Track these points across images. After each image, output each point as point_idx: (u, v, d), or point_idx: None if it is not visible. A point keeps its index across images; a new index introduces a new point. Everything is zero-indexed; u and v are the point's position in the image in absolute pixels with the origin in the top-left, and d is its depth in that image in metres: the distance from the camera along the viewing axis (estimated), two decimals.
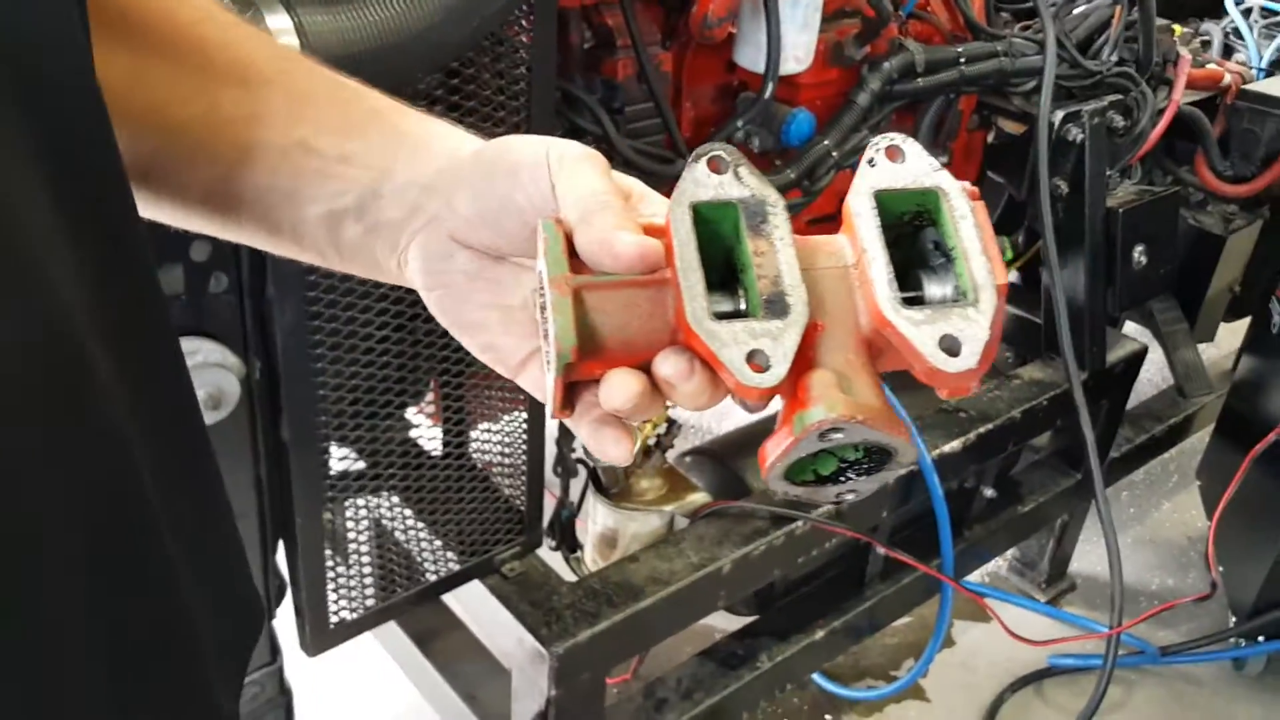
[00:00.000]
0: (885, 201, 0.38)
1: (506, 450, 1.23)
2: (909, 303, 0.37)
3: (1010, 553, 1.95)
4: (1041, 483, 1.76)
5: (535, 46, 0.92)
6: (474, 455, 1.24)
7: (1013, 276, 1.75)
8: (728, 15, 1.10)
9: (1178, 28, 1.68)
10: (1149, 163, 1.71)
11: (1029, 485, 1.75)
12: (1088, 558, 1.97)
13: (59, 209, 0.35)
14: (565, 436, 1.35)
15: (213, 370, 0.80)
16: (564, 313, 0.36)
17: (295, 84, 0.46)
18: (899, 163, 0.39)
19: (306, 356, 0.89)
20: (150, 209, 0.47)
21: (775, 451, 0.37)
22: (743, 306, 0.37)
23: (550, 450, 1.32)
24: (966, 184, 0.39)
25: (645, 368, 0.38)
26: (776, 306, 0.36)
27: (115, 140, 0.39)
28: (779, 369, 0.35)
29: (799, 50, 1.19)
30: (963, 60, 1.39)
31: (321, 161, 0.43)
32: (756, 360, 0.35)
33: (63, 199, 0.35)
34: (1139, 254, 1.59)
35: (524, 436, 1.21)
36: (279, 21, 0.74)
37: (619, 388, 0.36)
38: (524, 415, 1.19)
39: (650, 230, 0.38)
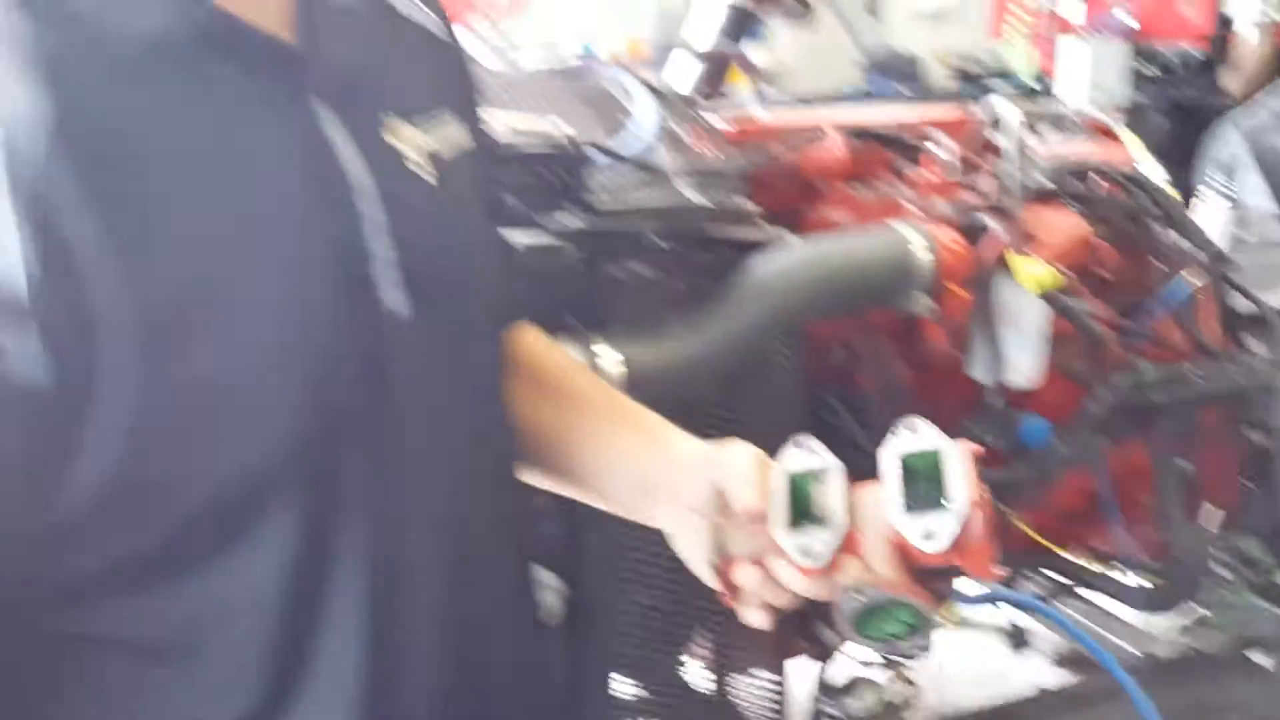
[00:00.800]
0: (910, 460, 0.69)
1: (763, 698, 1.53)
2: (914, 510, 0.67)
3: None
4: None
5: (790, 368, 1.32)
6: (736, 699, 1.54)
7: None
8: (951, 344, 1.45)
9: None
10: None
11: None
12: None
13: (477, 480, 0.75)
14: (824, 693, 1.63)
15: (541, 589, 1.21)
16: (712, 540, 0.72)
17: (605, 406, 0.87)
18: (916, 433, 0.70)
19: (607, 588, 1.28)
20: (524, 476, 0.88)
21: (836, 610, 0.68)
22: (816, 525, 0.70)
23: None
24: (963, 445, 0.69)
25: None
26: (827, 524, 0.68)
27: (515, 440, 0.81)
28: (823, 557, 0.67)
29: (1024, 368, 1.50)
30: (1197, 378, 1.62)
31: (614, 456, 0.82)
32: (809, 551, 0.67)
33: (481, 470, 0.75)
34: None
35: (777, 687, 1.51)
36: (612, 355, 1.19)
37: (743, 576, 0.70)
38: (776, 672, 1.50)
39: None
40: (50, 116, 0.49)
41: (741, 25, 1.57)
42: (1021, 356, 1.50)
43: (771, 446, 0.75)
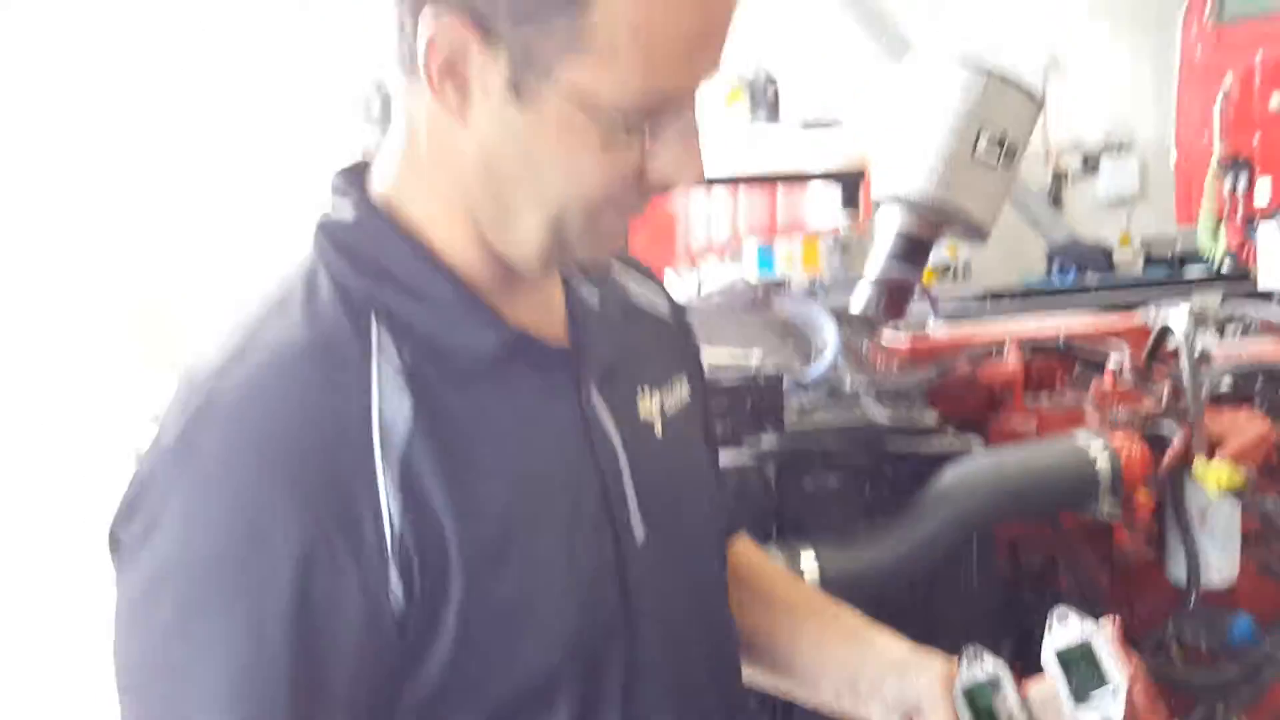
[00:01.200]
0: (1065, 654, 0.80)
1: None
2: (1082, 697, 0.77)
3: None
4: None
5: (985, 572, 1.43)
6: None
7: None
8: (1144, 546, 1.53)
9: None
10: None
11: None
12: None
13: (707, 672, 0.90)
14: None
15: None
16: None
17: (811, 609, 1.00)
18: (1066, 623, 0.81)
19: None
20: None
21: None
22: None
23: None
24: (1109, 625, 0.79)
25: None
26: None
27: (737, 638, 0.96)
28: None
29: (1220, 568, 1.55)
30: None
31: (824, 656, 0.95)
32: None
33: (710, 663, 0.90)
34: None
35: None
36: (810, 561, 1.33)
37: None
38: None
39: None
40: (412, 410, 0.71)
41: (915, 252, 1.75)
42: (1216, 556, 1.55)
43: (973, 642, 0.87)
